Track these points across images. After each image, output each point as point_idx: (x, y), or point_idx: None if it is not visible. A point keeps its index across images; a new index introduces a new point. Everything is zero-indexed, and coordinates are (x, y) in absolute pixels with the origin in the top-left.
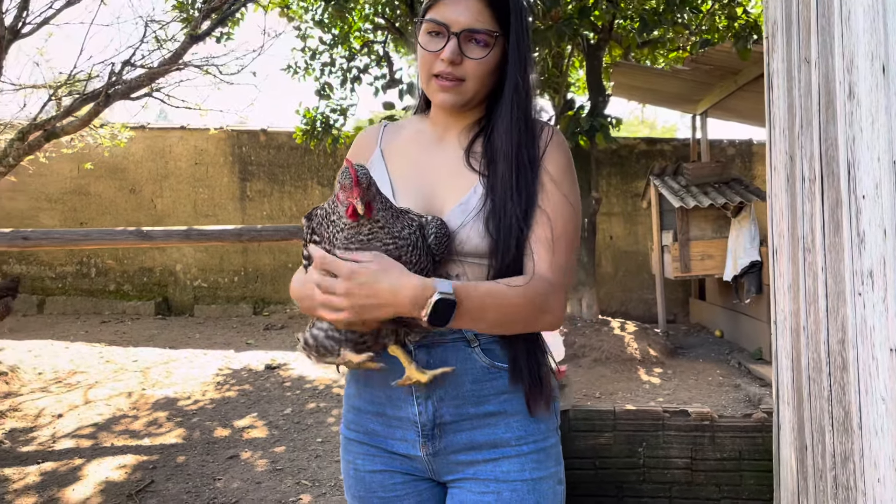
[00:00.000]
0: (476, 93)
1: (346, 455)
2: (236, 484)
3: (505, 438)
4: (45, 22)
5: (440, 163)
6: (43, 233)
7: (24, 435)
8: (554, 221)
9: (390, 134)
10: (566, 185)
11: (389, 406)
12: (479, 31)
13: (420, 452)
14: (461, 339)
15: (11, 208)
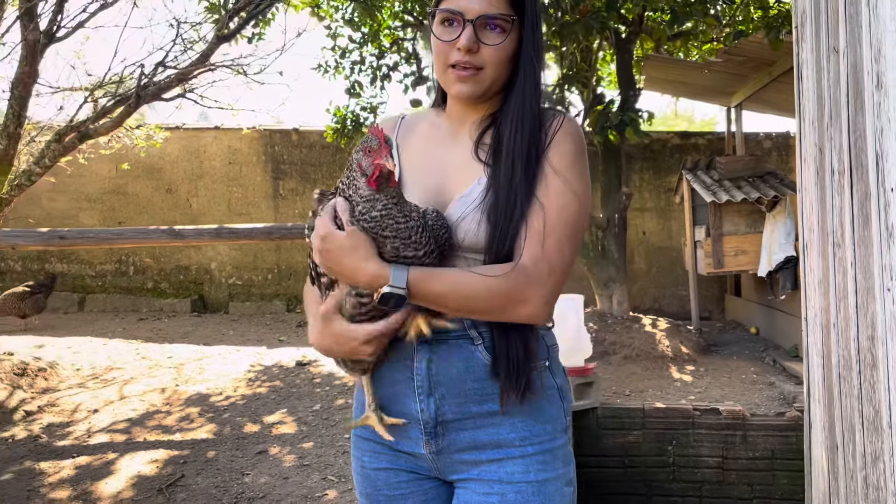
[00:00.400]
0: (494, 81)
1: (355, 452)
2: (264, 479)
3: (509, 439)
4: (80, 26)
5: (451, 157)
6: (78, 232)
7: (60, 430)
8: (548, 211)
9: (407, 127)
10: (571, 175)
11: (394, 403)
12: (494, 16)
13: (423, 450)
14: (464, 336)
15: (52, 208)
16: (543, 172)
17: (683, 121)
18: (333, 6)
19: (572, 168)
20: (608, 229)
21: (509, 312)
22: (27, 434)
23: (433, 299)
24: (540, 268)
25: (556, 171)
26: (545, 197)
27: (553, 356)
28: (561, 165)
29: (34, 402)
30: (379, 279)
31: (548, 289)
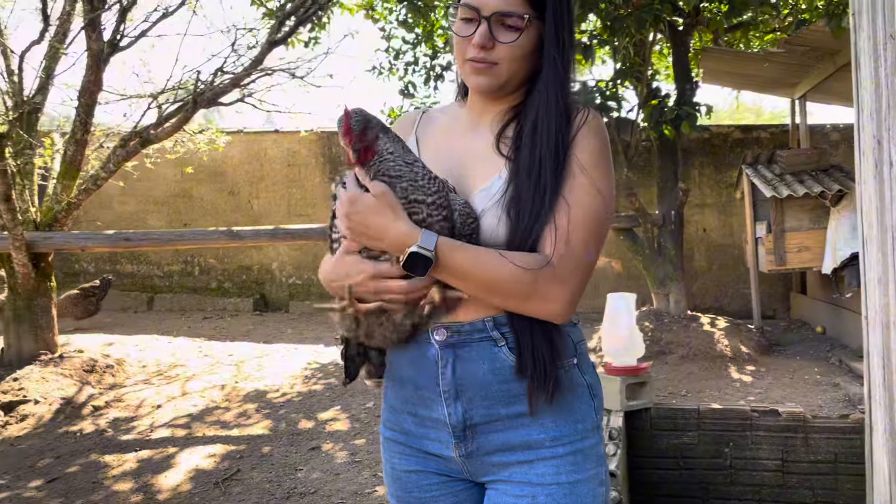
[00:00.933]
0: (510, 77)
1: (385, 454)
2: (316, 475)
3: (539, 439)
4: (142, 35)
5: (472, 149)
6: (143, 234)
7: (125, 424)
8: (573, 209)
9: (427, 120)
10: (596, 172)
11: (421, 406)
12: (509, 13)
13: (453, 454)
14: (487, 338)
15: (122, 211)
16: (567, 169)
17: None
18: (387, 8)
19: (597, 165)
20: (664, 226)
21: (530, 305)
22: (94, 428)
23: (457, 272)
24: (565, 265)
25: (581, 168)
26: (570, 194)
27: (581, 352)
28: (585, 162)
29: (102, 398)
30: (408, 238)
31: (572, 287)
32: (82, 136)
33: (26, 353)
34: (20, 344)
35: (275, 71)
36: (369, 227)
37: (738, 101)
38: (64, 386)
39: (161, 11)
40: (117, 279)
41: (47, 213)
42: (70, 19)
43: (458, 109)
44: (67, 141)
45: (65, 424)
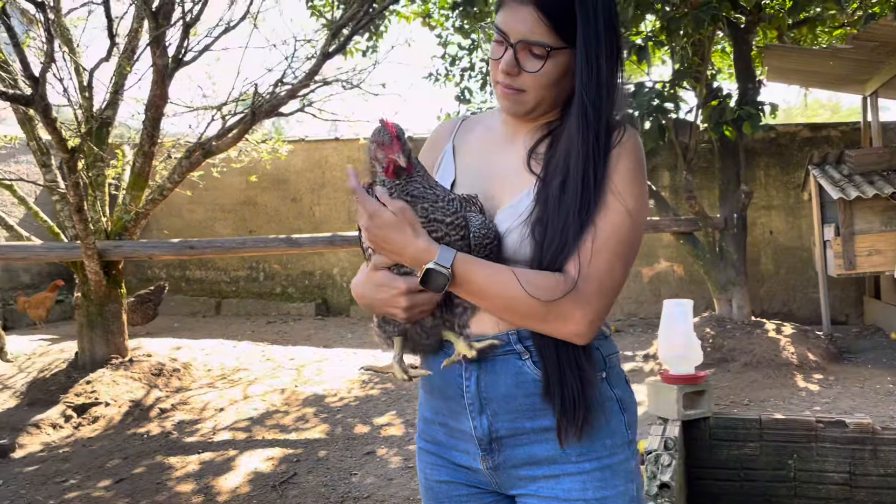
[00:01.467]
0: (538, 103)
1: (419, 463)
2: (370, 479)
3: (565, 454)
4: (205, 49)
5: (504, 162)
6: (206, 242)
7: (189, 427)
8: (599, 229)
9: (465, 129)
10: (626, 193)
11: (450, 418)
12: (533, 43)
13: (481, 466)
14: (511, 351)
15: (191, 219)
16: (597, 190)
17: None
18: (444, 15)
19: (627, 185)
20: (726, 230)
21: (550, 326)
22: (160, 430)
23: (474, 289)
24: (588, 286)
25: (611, 189)
26: (597, 215)
27: (612, 366)
28: (616, 183)
29: (168, 401)
30: (426, 254)
31: (594, 309)
32: (149, 148)
33: (99, 356)
34: (93, 348)
35: (330, 81)
36: (389, 242)
37: (807, 98)
38: (133, 389)
39: (223, 26)
40: (187, 285)
41: (117, 223)
42: (137, 36)
43: (497, 119)
44: (136, 153)
45: (133, 426)
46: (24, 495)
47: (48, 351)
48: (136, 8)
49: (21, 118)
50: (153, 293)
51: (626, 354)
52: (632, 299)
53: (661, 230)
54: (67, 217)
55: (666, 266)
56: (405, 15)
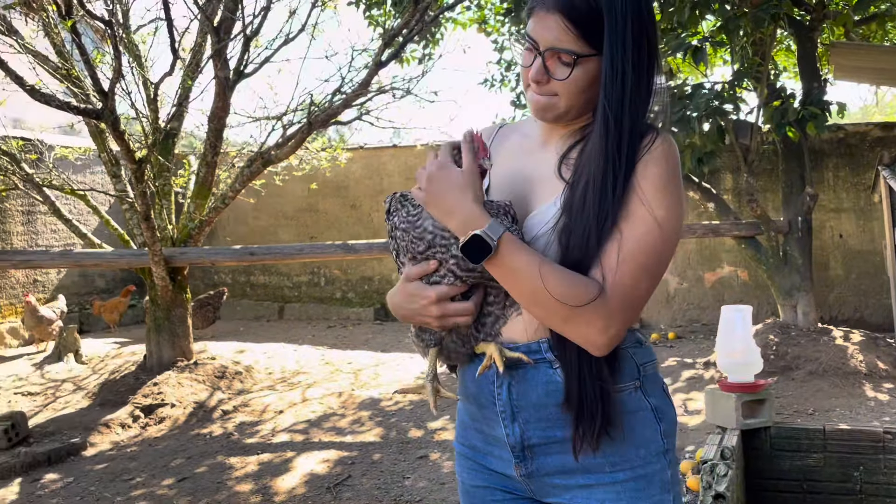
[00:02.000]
0: (569, 108)
1: (457, 467)
2: (423, 483)
3: (597, 463)
4: (266, 61)
5: (537, 167)
6: (266, 249)
7: (250, 428)
8: (625, 239)
9: (502, 136)
10: (655, 201)
11: (485, 424)
12: (561, 51)
13: (514, 472)
14: (542, 360)
15: (255, 225)
16: (625, 198)
17: None
18: (500, 20)
19: (658, 194)
20: (790, 234)
21: (570, 329)
22: (222, 431)
23: (509, 270)
24: (612, 298)
25: (642, 198)
26: (624, 224)
27: (647, 374)
28: (648, 191)
29: (230, 403)
30: (478, 221)
31: (616, 321)
32: (212, 158)
33: (165, 359)
34: (160, 351)
35: (387, 89)
36: (445, 198)
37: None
38: (197, 391)
39: (282, 38)
40: (251, 290)
41: (183, 230)
42: (201, 51)
43: (533, 125)
44: (199, 163)
45: (196, 427)
46: (93, 492)
47: (120, 353)
48: (199, 23)
49: (93, 131)
50: (213, 298)
51: (686, 361)
52: (693, 305)
53: (722, 234)
54: (136, 225)
55: (729, 271)
56: (461, 22)
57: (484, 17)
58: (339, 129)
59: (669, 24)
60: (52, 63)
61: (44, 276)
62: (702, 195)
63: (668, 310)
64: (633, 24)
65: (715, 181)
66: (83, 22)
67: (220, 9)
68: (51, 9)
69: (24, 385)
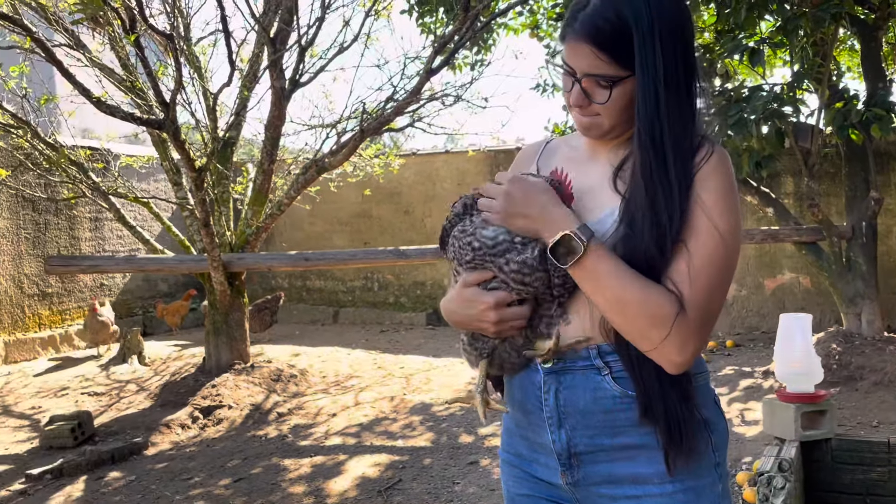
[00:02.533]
0: (614, 126)
1: (502, 475)
2: (472, 489)
3: (646, 474)
4: (321, 70)
5: (589, 179)
6: (320, 254)
7: (304, 431)
8: (693, 253)
9: (549, 151)
10: (718, 213)
11: (530, 430)
12: (596, 77)
13: (560, 481)
14: (591, 367)
15: (311, 231)
16: (686, 211)
17: None
18: (552, 25)
19: (719, 205)
20: (854, 239)
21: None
22: (277, 433)
23: (594, 276)
24: (691, 316)
25: (704, 210)
26: (689, 238)
27: (698, 385)
28: (708, 203)
29: (285, 405)
30: (567, 222)
31: (696, 339)
32: (269, 165)
33: (223, 362)
34: (218, 354)
35: (438, 96)
36: (531, 203)
37: None
38: (254, 393)
39: (336, 48)
40: (307, 294)
41: (241, 236)
42: (258, 61)
43: (580, 138)
44: (256, 171)
45: (252, 429)
46: (154, 490)
47: (181, 355)
48: (256, 35)
49: (155, 140)
50: (270, 302)
51: (744, 370)
52: (753, 312)
53: (781, 240)
54: (196, 231)
55: (791, 277)
56: (513, 27)
57: (536, 21)
58: (393, 136)
59: (726, 25)
60: (118, 76)
61: (110, 280)
62: (760, 200)
63: (726, 317)
64: (666, 43)
65: (774, 185)
66: (146, 36)
67: (276, 20)
68: (116, 24)
69: (90, 385)
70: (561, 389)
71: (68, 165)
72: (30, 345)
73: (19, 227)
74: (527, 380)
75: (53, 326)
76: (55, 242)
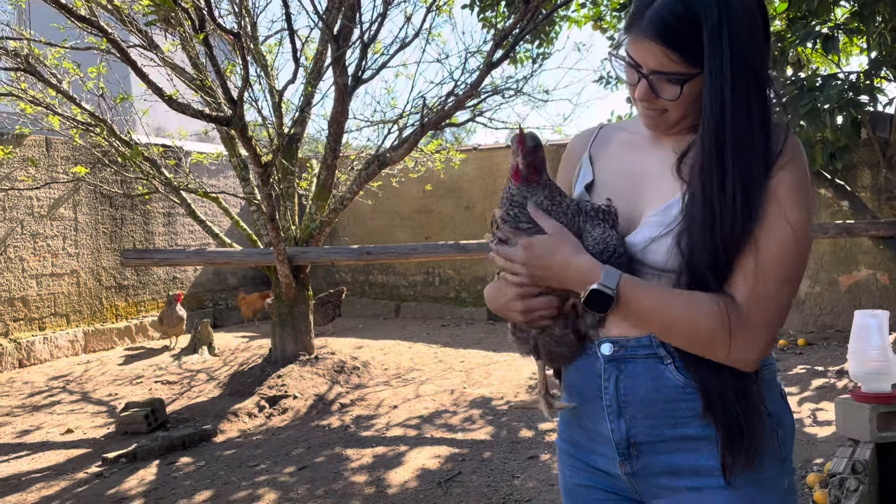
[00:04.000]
0: (681, 118)
1: (559, 464)
2: (532, 483)
3: (708, 466)
4: (383, 66)
5: (650, 164)
6: (382, 248)
7: (366, 422)
8: (762, 247)
9: (604, 136)
10: (790, 206)
11: (588, 419)
12: (665, 75)
13: (619, 471)
14: (653, 355)
15: (373, 226)
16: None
17: None
18: (616, 16)
19: (791, 197)
20: None
21: (717, 354)
22: (340, 424)
23: (637, 312)
24: (756, 312)
25: (777, 203)
26: (759, 231)
27: (765, 378)
28: (781, 195)
29: (348, 396)
30: (590, 274)
31: (765, 335)
32: (332, 161)
33: (289, 353)
34: (284, 345)
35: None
36: (551, 267)
37: None
38: (318, 384)
39: (398, 43)
40: (370, 288)
41: (305, 231)
42: (322, 58)
43: (640, 124)
44: (321, 166)
45: (316, 419)
46: (221, 476)
47: (248, 346)
48: (320, 32)
49: (224, 137)
50: (333, 296)
51: (817, 370)
52: (827, 310)
53: (857, 234)
54: (262, 226)
55: (867, 274)
56: (575, 19)
57: (600, 13)
58: (454, 131)
59: (798, 12)
60: (188, 75)
61: (182, 273)
62: (834, 193)
63: (799, 315)
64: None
65: (850, 178)
66: (215, 35)
67: (339, 17)
68: (186, 24)
69: (163, 374)
70: (622, 378)
71: (142, 162)
72: (107, 335)
73: (97, 221)
74: (586, 367)
75: (129, 317)
76: (131, 237)
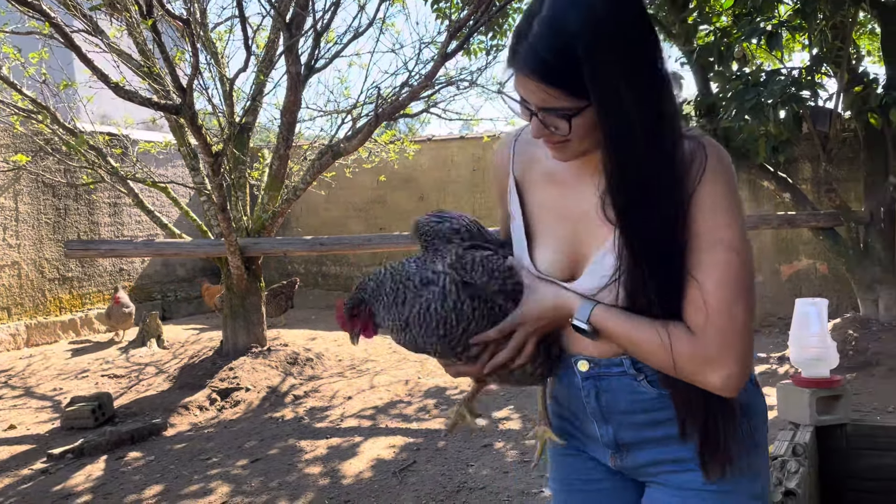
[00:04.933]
0: (583, 146)
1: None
2: (486, 471)
3: (689, 457)
4: (336, 56)
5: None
6: (335, 239)
7: (320, 413)
8: (702, 276)
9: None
10: (723, 222)
11: (577, 420)
12: (551, 111)
13: (610, 463)
14: (624, 373)
15: (327, 217)
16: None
17: None
18: None
19: (721, 213)
20: (872, 225)
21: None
22: (293, 415)
23: (615, 340)
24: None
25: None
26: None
27: None
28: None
29: (301, 388)
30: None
31: (725, 363)
32: (285, 151)
33: (241, 345)
34: (236, 337)
35: (454, 81)
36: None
37: None
38: (270, 376)
39: (352, 33)
40: (323, 280)
41: (257, 221)
42: (274, 47)
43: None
44: (272, 156)
45: (269, 411)
46: (172, 470)
47: (199, 339)
48: (272, 20)
49: (173, 126)
50: (285, 287)
51: (760, 356)
52: (769, 298)
53: (799, 225)
54: (213, 216)
55: (807, 263)
56: None
57: None
58: (409, 122)
59: (743, 9)
60: (135, 61)
61: (129, 264)
62: (777, 185)
63: None
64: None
65: (792, 171)
66: (163, 21)
67: (291, 5)
68: (133, 9)
69: (110, 368)
70: (601, 393)
71: (87, 151)
72: (51, 328)
73: (40, 211)
74: (569, 380)
75: (74, 310)
76: (75, 227)
